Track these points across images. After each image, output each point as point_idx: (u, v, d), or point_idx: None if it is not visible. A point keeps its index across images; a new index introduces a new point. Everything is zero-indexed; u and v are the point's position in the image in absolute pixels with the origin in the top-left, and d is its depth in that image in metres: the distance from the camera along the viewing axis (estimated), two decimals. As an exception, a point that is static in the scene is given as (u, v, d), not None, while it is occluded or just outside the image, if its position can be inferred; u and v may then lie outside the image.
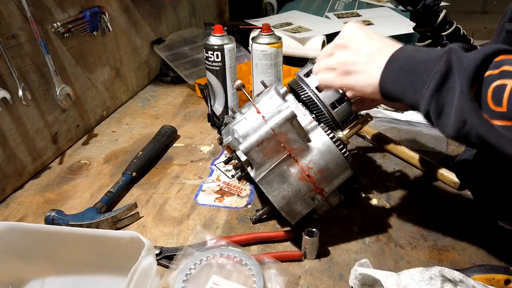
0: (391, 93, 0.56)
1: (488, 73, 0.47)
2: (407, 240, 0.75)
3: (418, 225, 0.78)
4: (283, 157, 0.68)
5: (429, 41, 0.83)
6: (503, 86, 0.45)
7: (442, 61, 0.50)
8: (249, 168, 0.70)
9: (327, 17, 1.70)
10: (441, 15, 0.80)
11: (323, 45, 1.31)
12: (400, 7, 0.79)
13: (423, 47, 0.60)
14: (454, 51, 0.51)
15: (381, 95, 0.57)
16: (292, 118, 0.67)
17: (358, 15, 1.71)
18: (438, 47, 0.56)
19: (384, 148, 1.00)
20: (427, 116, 0.53)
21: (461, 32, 0.82)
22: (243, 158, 0.69)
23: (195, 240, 0.74)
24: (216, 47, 1.06)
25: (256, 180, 0.69)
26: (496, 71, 0.46)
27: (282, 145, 0.67)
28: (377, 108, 1.13)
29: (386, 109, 1.12)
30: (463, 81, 0.48)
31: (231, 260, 0.69)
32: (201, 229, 0.76)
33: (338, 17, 1.70)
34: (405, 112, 1.11)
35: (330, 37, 1.36)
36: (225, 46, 1.06)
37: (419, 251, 0.73)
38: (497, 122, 0.45)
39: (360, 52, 0.61)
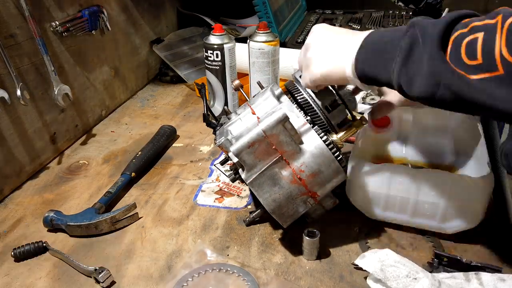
0: (368, 75, 0.59)
1: (457, 32, 0.48)
2: (408, 241, 0.74)
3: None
4: (275, 159, 0.67)
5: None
6: (475, 40, 0.46)
7: (407, 35, 0.53)
8: (240, 170, 0.69)
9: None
10: (443, 14, 0.79)
11: None
12: (403, 5, 0.79)
13: (392, 27, 0.64)
14: (417, 23, 0.53)
15: (359, 78, 0.61)
16: (284, 120, 0.65)
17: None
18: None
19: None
20: (400, 90, 0.55)
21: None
22: (235, 159, 0.68)
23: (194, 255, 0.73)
24: (215, 46, 1.06)
25: (247, 182, 0.68)
26: (465, 29, 0.48)
27: (273, 147, 0.66)
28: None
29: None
30: (431, 46, 0.49)
31: (230, 275, 0.68)
32: (201, 244, 0.76)
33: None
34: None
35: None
36: (225, 46, 1.06)
37: (421, 252, 0.72)
38: (474, 76, 0.46)
39: (326, 46, 0.66)
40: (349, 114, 0.77)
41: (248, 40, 1.08)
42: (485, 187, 0.69)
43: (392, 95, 0.76)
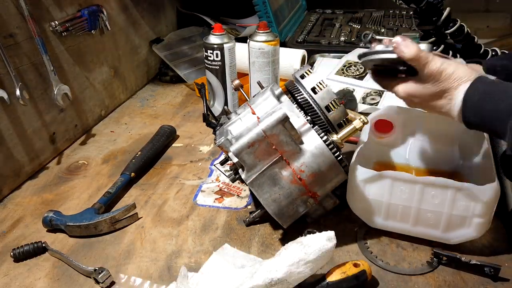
0: (474, 124, 0.62)
1: None
2: (409, 242, 0.74)
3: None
4: (275, 159, 0.67)
5: (433, 39, 0.82)
6: None
7: None
8: (240, 170, 0.69)
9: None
10: (445, 13, 0.79)
11: (303, 59, 1.29)
12: (403, 5, 0.79)
13: (496, 81, 0.64)
14: None
15: (465, 124, 0.63)
16: (284, 120, 0.65)
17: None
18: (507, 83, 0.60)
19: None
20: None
21: (465, 30, 0.81)
22: (235, 159, 0.67)
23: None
24: (215, 46, 1.05)
25: (247, 183, 0.67)
26: None
27: (273, 147, 0.66)
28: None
29: None
30: None
31: None
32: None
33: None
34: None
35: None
36: (224, 45, 1.05)
37: (421, 252, 0.72)
38: None
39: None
40: (349, 114, 0.77)
41: (248, 40, 1.07)
42: (492, 195, 0.65)
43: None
